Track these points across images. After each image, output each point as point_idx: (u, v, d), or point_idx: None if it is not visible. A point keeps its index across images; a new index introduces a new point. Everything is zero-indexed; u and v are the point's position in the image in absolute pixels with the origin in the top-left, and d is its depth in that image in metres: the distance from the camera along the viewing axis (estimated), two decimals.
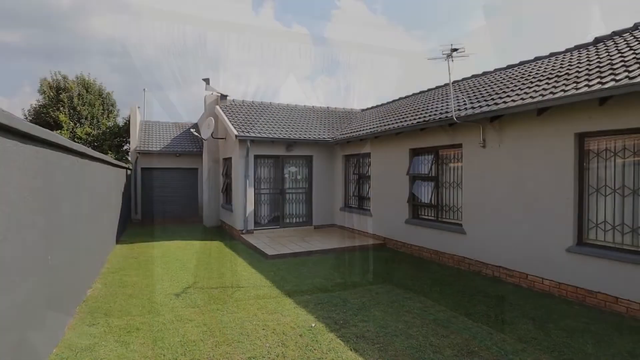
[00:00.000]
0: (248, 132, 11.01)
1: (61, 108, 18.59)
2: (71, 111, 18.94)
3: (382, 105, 14.56)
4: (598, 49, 7.09)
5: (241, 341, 4.25)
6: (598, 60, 6.25)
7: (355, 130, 11.30)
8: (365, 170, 11.12)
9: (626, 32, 7.24)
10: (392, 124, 9.48)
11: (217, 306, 5.36)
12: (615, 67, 5.43)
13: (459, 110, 7.39)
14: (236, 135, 10.62)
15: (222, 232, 12.37)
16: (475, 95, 7.99)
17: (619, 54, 5.97)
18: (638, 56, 5.41)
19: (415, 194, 8.85)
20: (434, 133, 8.23)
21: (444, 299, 5.64)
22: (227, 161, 12.89)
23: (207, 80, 13.28)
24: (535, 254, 6.09)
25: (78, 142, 15.20)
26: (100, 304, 5.44)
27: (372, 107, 15.24)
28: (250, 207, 11.11)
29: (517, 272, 6.38)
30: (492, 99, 7.00)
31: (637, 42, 6.19)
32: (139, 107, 16.12)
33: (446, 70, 6.87)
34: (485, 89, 8.12)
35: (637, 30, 7.00)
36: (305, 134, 11.84)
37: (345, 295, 5.83)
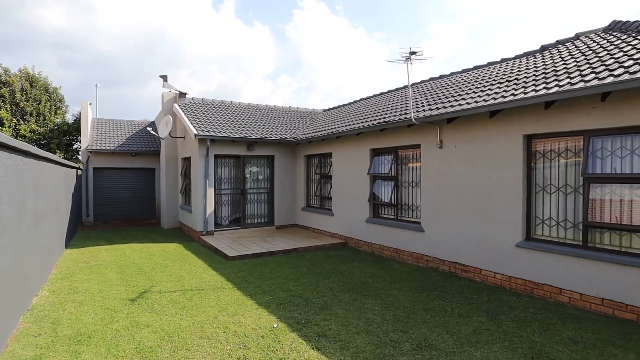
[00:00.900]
0: (208, 131, 10.75)
1: (1, 103, 17.26)
2: (13, 107, 17.64)
3: (343, 105, 14.73)
4: (544, 56, 7.57)
5: (201, 345, 4.14)
6: (544, 66, 6.67)
7: (317, 130, 11.34)
8: (327, 170, 11.19)
9: (568, 42, 7.78)
10: (353, 124, 9.61)
11: (175, 310, 5.19)
12: (559, 73, 5.82)
13: (417, 111, 7.62)
14: (195, 135, 10.34)
15: (181, 234, 11.99)
16: (432, 98, 8.27)
17: (562, 62, 6.40)
18: (579, 64, 5.83)
19: (375, 194, 9.02)
20: (393, 134, 8.43)
21: (403, 295, 5.79)
22: (186, 161, 12.52)
23: (164, 77, 12.84)
24: (488, 250, 6.40)
25: (22, 141, 14.18)
26: (47, 312, 5.10)
27: (333, 108, 15.37)
28: (211, 208, 10.86)
29: (472, 267, 6.67)
30: (449, 101, 7.28)
31: (577, 51, 6.67)
32: (90, 104, 15.30)
33: (406, 73, 7.07)
34: (442, 92, 8.43)
35: (578, 40, 7.54)
36: (266, 134, 11.74)
37: (307, 294, 5.84)
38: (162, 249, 9.49)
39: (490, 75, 7.98)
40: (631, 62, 4.85)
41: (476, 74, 8.89)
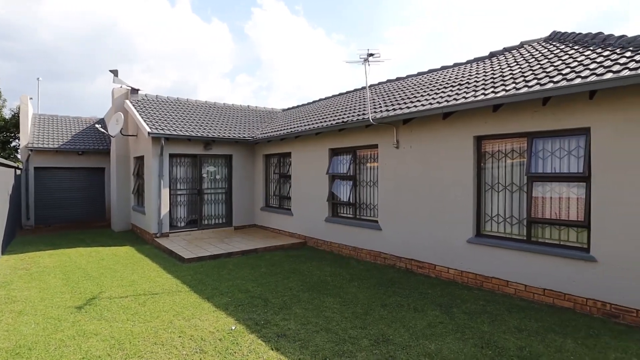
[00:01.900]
0: (162, 129, 10.35)
1: None
2: None
3: (303, 105, 14.74)
4: (492, 62, 8.00)
5: (155, 352, 3.98)
6: (492, 72, 7.05)
7: (276, 130, 11.27)
8: (286, 170, 11.15)
9: (514, 49, 8.28)
10: (313, 124, 9.65)
11: (127, 316, 4.95)
12: (505, 78, 6.17)
13: (375, 112, 7.78)
14: (149, 133, 9.92)
15: (133, 237, 11.45)
16: (389, 99, 8.48)
17: (509, 68, 6.80)
18: (523, 70, 6.22)
19: (334, 193, 9.11)
20: (352, 134, 8.55)
21: (361, 292, 5.89)
22: (139, 160, 11.98)
23: (115, 72, 12.22)
24: (442, 246, 6.66)
25: None
26: None
27: (293, 107, 15.35)
28: (165, 209, 10.47)
29: (427, 263, 6.92)
30: (405, 103, 7.50)
31: (522, 58, 7.11)
32: (31, 98, 14.23)
33: (364, 74, 7.20)
34: (399, 93, 8.67)
35: (522, 48, 8.04)
36: (224, 133, 11.50)
37: (266, 295, 5.78)
38: (112, 253, 9.02)
39: (444, 78, 8.31)
40: (568, 70, 5.24)
41: (430, 77, 9.22)
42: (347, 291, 5.96)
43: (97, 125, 13.47)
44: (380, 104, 8.37)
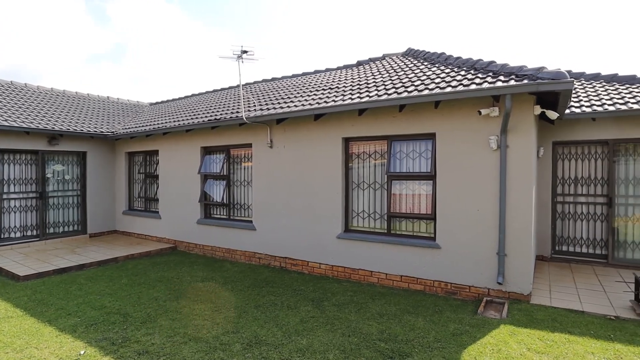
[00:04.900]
0: None
1: None
2: None
3: (173, 100, 13.74)
4: (359, 70, 8.65)
5: None
6: (359, 79, 7.60)
7: (141, 125, 10.23)
8: (152, 169, 10.21)
9: (377, 60, 9.11)
10: (183, 120, 9.04)
11: None
12: (369, 86, 6.72)
13: (249, 111, 7.66)
14: None
15: None
16: (264, 98, 8.46)
17: (372, 76, 7.43)
18: (384, 79, 6.86)
19: (207, 193, 8.69)
20: (225, 132, 8.27)
21: (235, 295, 5.72)
22: None
23: None
24: (314, 243, 6.91)
25: None
26: None
27: (162, 102, 14.18)
28: None
29: (300, 260, 7.10)
30: (279, 103, 7.57)
31: (384, 69, 7.86)
32: None
33: (244, 71, 7.01)
34: (274, 93, 8.72)
35: (384, 60, 8.90)
36: (76, 126, 9.94)
37: (126, 309, 5.16)
38: None
39: (316, 82, 8.66)
40: (419, 82, 5.97)
41: (304, 79, 9.52)
42: (220, 295, 5.72)
43: None
44: (254, 103, 8.28)
